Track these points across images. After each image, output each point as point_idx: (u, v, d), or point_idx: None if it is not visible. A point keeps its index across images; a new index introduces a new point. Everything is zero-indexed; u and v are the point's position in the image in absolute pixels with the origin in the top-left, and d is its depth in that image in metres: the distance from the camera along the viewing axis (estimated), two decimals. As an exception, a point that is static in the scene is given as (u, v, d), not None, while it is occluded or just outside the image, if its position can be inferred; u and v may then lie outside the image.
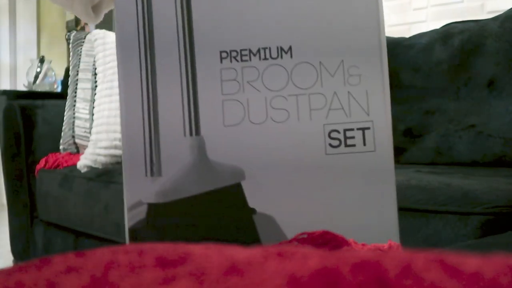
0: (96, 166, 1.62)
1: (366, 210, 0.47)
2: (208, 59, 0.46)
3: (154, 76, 0.46)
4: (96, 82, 1.78)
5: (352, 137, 0.45)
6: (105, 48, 1.75)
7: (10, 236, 1.92)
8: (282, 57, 0.45)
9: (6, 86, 3.79)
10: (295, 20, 0.46)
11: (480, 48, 1.40)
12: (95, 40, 1.79)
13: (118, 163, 1.63)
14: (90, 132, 1.77)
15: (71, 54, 1.92)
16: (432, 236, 0.89)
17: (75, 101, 1.85)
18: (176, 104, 0.46)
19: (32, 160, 1.91)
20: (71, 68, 1.90)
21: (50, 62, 3.15)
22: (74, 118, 1.83)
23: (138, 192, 0.46)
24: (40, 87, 3.04)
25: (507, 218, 0.85)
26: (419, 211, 0.91)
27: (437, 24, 1.84)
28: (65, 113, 1.87)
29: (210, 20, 0.46)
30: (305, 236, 0.47)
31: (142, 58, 0.46)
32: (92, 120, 1.74)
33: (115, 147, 1.62)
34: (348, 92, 0.45)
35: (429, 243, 0.89)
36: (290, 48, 0.45)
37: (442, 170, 1.20)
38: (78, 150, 1.86)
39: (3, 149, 1.91)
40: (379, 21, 0.45)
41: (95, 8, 0.99)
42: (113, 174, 1.53)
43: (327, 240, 0.47)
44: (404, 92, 1.51)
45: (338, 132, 0.45)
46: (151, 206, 0.45)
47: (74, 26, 3.74)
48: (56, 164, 1.79)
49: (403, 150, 1.50)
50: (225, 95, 0.45)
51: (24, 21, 3.83)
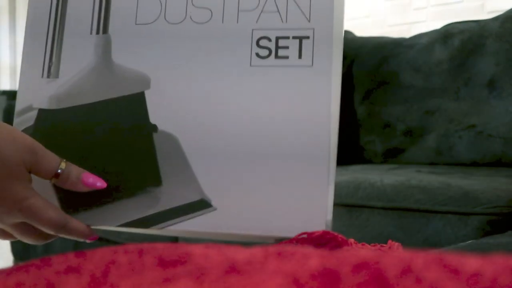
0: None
1: (292, 131, 0.37)
2: None
3: None
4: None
5: (286, 47, 0.37)
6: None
7: (10, 236, 1.91)
8: None
9: (6, 86, 3.79)
10: None
11: (480, 48, 1.40)
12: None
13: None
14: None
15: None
16: (432, 236, 0.89)
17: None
18: None
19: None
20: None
21: (50, 62, 3.15)
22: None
23: (31, 96, 0.41)
24: (40, 87, 3.04)
25: (507, 218, 0.85)
26: (419, 211, 0.91)
27: (437, 24, 1.84)
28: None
29: None
30: (305, 236, 0.47)
31: None
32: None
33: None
34: None
35: (429, 243, 0.89)
36: None
37: (442, 170, 1.20)
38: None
39: (3, 149, 1.91)
40: None
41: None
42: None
43: (327, 240, 0.47)
44: (404, 92, 1.51)
45: (269, 39, 0.37)
46: (41, 113, 0.40)
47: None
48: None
49: (403, 150, 1.50)
50: None
51: (24, 21, 3.83)
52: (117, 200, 0.39)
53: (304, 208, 0.37)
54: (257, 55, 0.38)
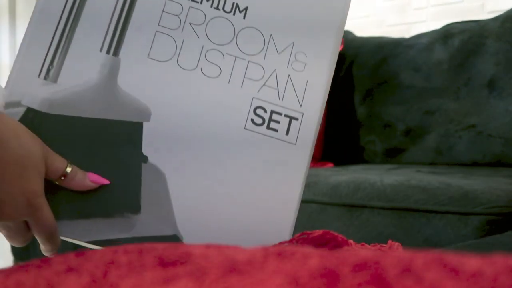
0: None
1: (262, 202, 0.42)
2: None
3: None
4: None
5: (277, 121, 0.42)
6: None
7: (10, 236, 1.91)
8: (234, 13, 0.43)
9: (6, 86, 3.79)
10: None
11: (480, 48, 1.40)
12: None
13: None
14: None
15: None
16: (432, 236, 0.89)
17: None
18: (105, 13, 0.41)
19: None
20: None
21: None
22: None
23: (22, 91, 0.40)
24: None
25: (507, 218, 0.85)
26: (419, 211, 0.91)
27: (437, 24, 1.84)
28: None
29: None
30: (305, 236, 0.47)
31: None
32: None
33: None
34: (289, 75, 0.42)
35: (429, 243, 0.89)
36: (246, 9, 0.43)
37: (442, 170, 1.20)
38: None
39: (3, 149, 1.91)
40: (342, 21, 0.44)
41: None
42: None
43: (327, 240, 0.47)
44: (404, 92, 1.51)
45: (265, 111, 0.42)
46: (29, 112, 0.39)
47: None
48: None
49: (403, 150, 1.50)
50: (160, 26, 0.42)
51: (24, 21, 3.83)
52: (92, 217, 0.40)
53: None
54: (252, 120, 0.42)
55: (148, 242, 0.40)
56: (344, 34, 1.81)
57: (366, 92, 1.60)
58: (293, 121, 0.42)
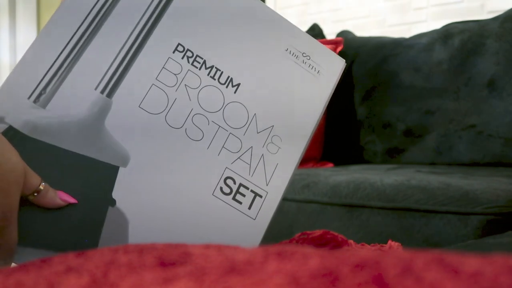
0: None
1: None
2: (164, 40, 0.44)
3: (106, 16, 0.43)
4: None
5: (243, 194, 0.44)
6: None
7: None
8: (227, 86, 0.46)
9: (6, 86, 3.79)
10: (258, 69, 0.47)
11: (480, 48, 1.40)
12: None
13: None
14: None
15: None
16: (432, 236, 0.89)
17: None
18: (109, 54, 0.43)
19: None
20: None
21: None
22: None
23: (8, 108, 0.40)
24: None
25: (507, 218, 0.85)
26: (419, 211, 0.91)
27: (437, 24, 1.84)
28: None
29: (191, 12, 0.46)
30: (305, 236, 0.47)
31: None
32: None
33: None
34: (262, 155, 0.45)
35: (429, 243, 0.89)
36: (238, 85, 0.46)
37: (442, 170, 1.20)
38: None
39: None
40: (317, 116, 0.47)
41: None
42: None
43: (327, 240, 0.47)
44: (404, 92, 1.51)
45: (234, 182, 0.44)
46: (10, 130, 0.39)
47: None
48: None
49: (403, 150, 1.50)
50: (157, 81, 0.43)
51: (24, 21, 3.83)
52: (44, 248, 0.39)
53: None
54: (220, 188, 0.44)
55: None
56: (344, 34, 1.81)
57: (366, 92, 1.60)
58: (257, 197, 0.44)
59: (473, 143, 1.36)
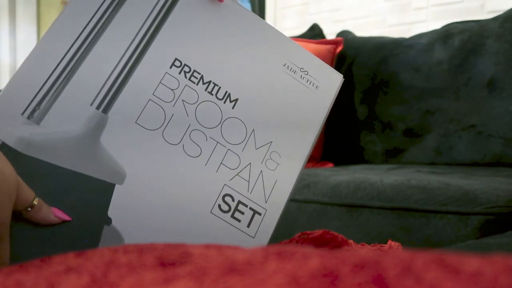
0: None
1: None
2: (161, 55, 0.44)
3: (102, 30, 0.42)
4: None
5: (242, 212, 0.43)
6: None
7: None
8: (225, 102, 0.45)
9: (6, 86, 3.79)
10: (256, 84, 0.46)
11: (480, 48, 1.40)
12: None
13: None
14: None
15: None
16: (432, 236, 0.89)
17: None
18: (105, 69, 0.42)
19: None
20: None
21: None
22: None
23: (1, 124, 0.38)
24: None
25: (507, 218, 0.85)
26: (419, 211, 0.91)
27: (437, 24, 1.84)
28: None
29: (188, 27, 0.45)
30: (305, 236, 0.47)
31: (101, 8, 0.43)
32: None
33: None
34: (261, 171, 0.45)
35: (429, 243, 0.89)
36: (236, 100, 0.45)
37: (442, 170, 1.20)
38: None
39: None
40: (316, 131, 0.47)
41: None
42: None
43: (327, 240, 0.47)
44: (404, 92, 1.51)
45: (233, 199, 0.43)
46: (3, 147, 0.38)
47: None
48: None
49: (403, 150, 1.50)
50: (155, 96, 0.43)
51: (24, 21, 3.83)
52: None
53: None
54: (219, 206, 0.43)
55: None
56: (344, 34, 1.81)
57: (366, 92, 1.60)
58: (256, 215, 0.44)
59: (473, 143, 1.36)
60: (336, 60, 1.65)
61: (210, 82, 0.45)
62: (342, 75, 0.50)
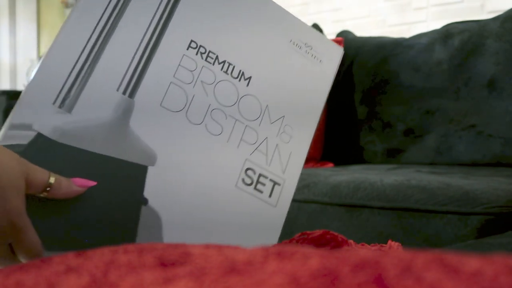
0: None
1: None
2: (177, 38, 0.45)
3: (119, 17, 0.43)
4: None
5: (263, 184, 0.46)
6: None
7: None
8: (240, 80, 0.47)
9: (6, 86, 3.79)
10: (267, 62, 0.48)
11: (480, 48, 1.40)
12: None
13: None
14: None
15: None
16: (432, 236, 0.89)
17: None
18: (126, 55, 0.43)
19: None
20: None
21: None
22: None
23: (34, 115, 0.39)
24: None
25: (507, 218, 0.85)
26: (419, 211, 0.91)
27: (437, 24, 1.83)
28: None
29: (200, 8, 0.46)
30: (305, 236, 0.47)
31: None
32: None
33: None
34: (277, 144, 0.47)
35: (429, 243, 0.89)
36: (250, 78, 0.47)
37: (442, 170, 1.20)
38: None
39: (3, 149, 1.90)
40: (322, 103, 0.50)
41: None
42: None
43: (327, 240, 0.47)
44: (404, 92, 1.51)
45: (254, 172, 0.46)
46: (39, 137, 0.39)
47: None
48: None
49: (403, 150, 1.50)
50: (175, 78, 0.44)
51: (24, 21, 3.83)
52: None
53: None
54: (242, 180, 0.45)
55: None
56: (344, 34, 1.81)
57: (366, 92, 1.60)
58: (276, 186, 0.47)
59: (473, 143, 1.36)
60: (336, 60, 1.65)
61: (225, 62, 0.46)
62: (342, 48, 0.52)
